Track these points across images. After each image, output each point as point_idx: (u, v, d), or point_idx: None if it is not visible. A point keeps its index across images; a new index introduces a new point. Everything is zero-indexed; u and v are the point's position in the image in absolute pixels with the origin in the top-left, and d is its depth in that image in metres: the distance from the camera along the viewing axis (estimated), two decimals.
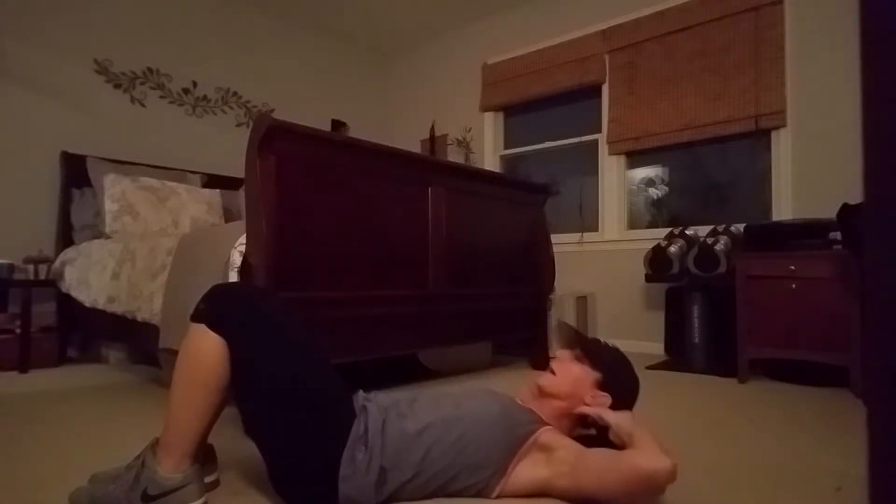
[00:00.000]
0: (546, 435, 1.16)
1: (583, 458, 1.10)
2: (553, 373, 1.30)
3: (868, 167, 0.42)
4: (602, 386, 1.26)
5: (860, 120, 0.43)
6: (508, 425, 1.15)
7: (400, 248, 2.17)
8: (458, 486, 1.13)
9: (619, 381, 1.29)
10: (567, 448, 1.13)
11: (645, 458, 1.02)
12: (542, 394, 1.28)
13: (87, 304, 2.69)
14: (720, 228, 3.02)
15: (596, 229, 3.87)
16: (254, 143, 1.70)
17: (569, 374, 1.28)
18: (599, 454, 1.10)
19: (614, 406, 1.24)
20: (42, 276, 3.00)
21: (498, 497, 1.14)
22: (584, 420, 1.27)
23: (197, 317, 1.13)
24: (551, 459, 1.13)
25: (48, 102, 3.25)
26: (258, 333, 1.11)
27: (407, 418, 1.15)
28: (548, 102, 4.19)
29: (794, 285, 2.45)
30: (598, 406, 1.24)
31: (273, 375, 1.08)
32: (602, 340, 1.38)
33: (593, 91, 3.90)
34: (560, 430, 1.23)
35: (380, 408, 1.18)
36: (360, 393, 1.24)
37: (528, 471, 1.13)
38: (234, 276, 1.74)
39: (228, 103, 4.12)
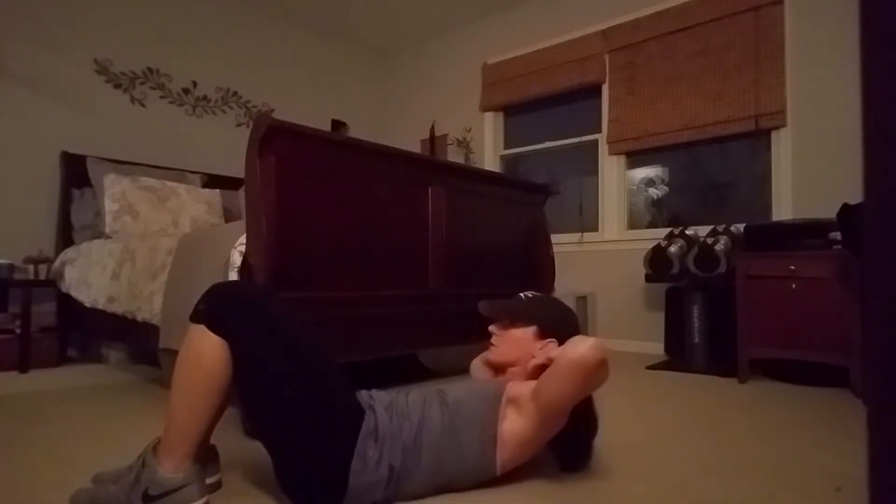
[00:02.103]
0: (512, 389, 1.22)
1: (537, 387, 1.17)
2: (496, 344, 1.38)
3: (868, 167, 0.42)
4: (543, 334, 1.34)
5: (860, 120, 0.43)
6: (483, 397, 1.20)
7: (400, 248, 2.17)
8: (465, 469, 1.15)
9: (554, 322, 1.36)
10: (526, 390, 1.20)
11: (569, 350, 1.12)
12: (498, 368, 1.36)
13: (87, 304, 2.69)
14: (720, 228, 3.02)
15: (596, 229, 3.87)
16: (254, 142, 1.70)
17: (509, 340, 1.36)
18: (545, 374, 1.17)
19: (562, 342, 1.28)
20: (42, 276, 3.00)
21: (502, 472, 1.18)
22: (544, 369, 1.29)
23: (196, 317, 1.12)
24: (521, 408, 1.18)
25: (48, 102, 3.25)
26: (260, 332, 1.11)
27: (407, 418, 1.16)
28: (548, 102, 4.19)
29: (794, 285, 2.45)
30: (548, 352, 1.30)
31: (278, 373, 1.08)
32: (521, 295, 1.44)
33: (593, 91, 3.90)
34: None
35: (385, 406, 1.19)
36: (363, 391, 1.25)
37: (511, 429, 1.17)
38: (234, 276, 1.74)
39: (228, 103, 4.12)
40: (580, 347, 1.10)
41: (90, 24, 3.43)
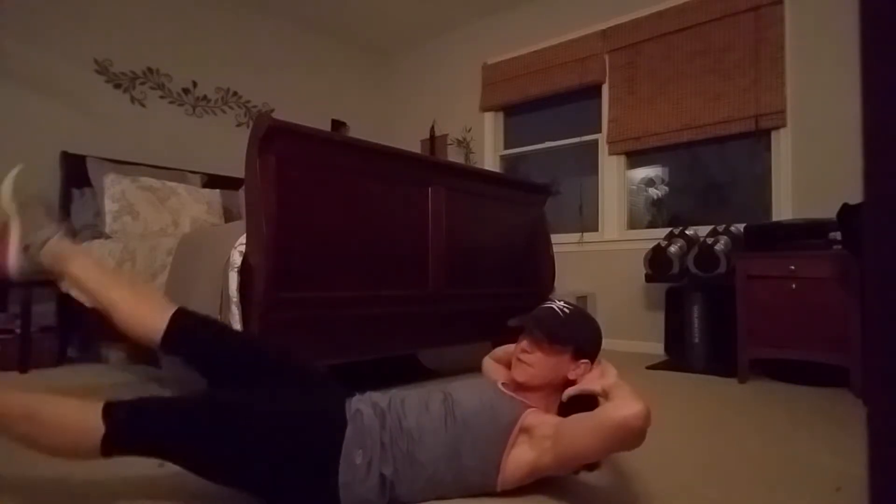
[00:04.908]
0: (528, 418, 1.16)
1: (560, 428, 1.10)
2: (529, 364, 1.25)
3: (868, 167, 0.42)
4: (578, 355, 1.25)
5: (860, 120, 0.43)
6: (495, 420, 1.15)
7: (400, 248, 2.18)
8: (463, 485, 1.13)
9: (590, 341, 1.29)
10: (544, 424, 1.13)
11: (615, 408, 1.02)
12: (526, 388, 1.25)
13: (88, 304, 2.68)
14: (720, 228, 3.02)
15: (596, 229, 3.87)
16: (254, 142, 1.70)
17: (545, 364, 1.25)
18: (575, 419, 1.10)
19: (592, 360, 1.25)
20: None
21: (502, 491, 1.14)
22: (567, 385, 1.24)
23: (113, 428, 1.04)
24: (533, 440, 1.13)
25: (48, 102, 3.25)
26: (186, 425, 1.07)
27: (401, 424, 1.14)
28: (548, 102, 4.19)
29: (794, 285, 2.44)
30: (582, 374, 1.24)
31: (236, 446, 1.07)
32: (556, 308, 1.31)
33: (593, 91, 3.90)
34: (549, 406, 1.24)
35: (376, 410, 1.17)
36: (356, 396, 1.23)
37: (517, 457, 1.13)
38: (234, 276, 1.74)
39: (228, 103, 4.11)
40: (626, 410, 0.99)
41: (90, 24, 3.43)
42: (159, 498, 1.16)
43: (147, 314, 1.25)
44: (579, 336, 1.27)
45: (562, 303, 1.34)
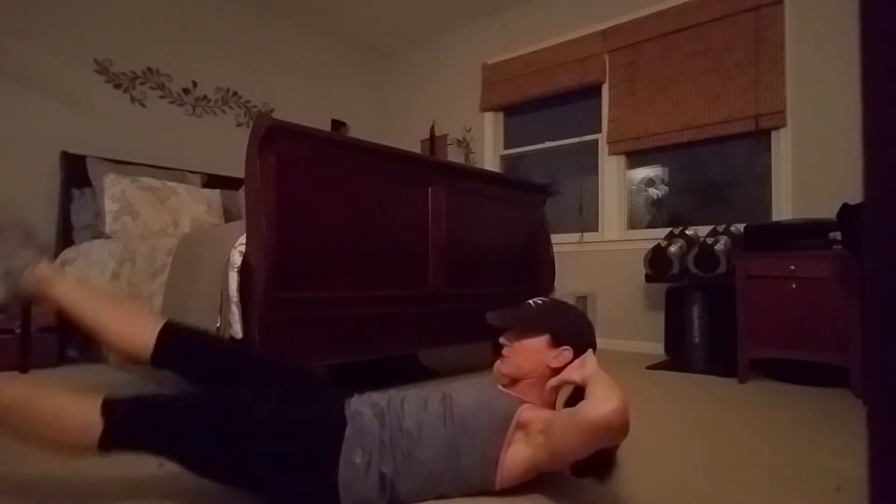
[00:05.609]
0: (524, 413, 1.16)
1: (550, 424, 1.10)
2: (509, 357, 1.29)
3: (868, 167, 0.42)
4: (556, 342, 1.26)
5: (860, 120, 0.43)
6: (492, 418, 1.15)
7: (400, 248, 2.17)
8: (463, 483, 1.14)
9: (568, 329, 1.28)
10: (538, 419, 1.13)
11: (591, 407, 0.99)
12: (511, 380, 1.28)
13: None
14: (720, 228, 3.02)
15: (596, 229, 3.87)
16: (254, 142, 1.70)
17: (522, 351, 1.27)
18: (561, 416, 1.09)
19: (578, 350, 1.24)
20: None
21: (501, 489, 1.15)
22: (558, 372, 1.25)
23: (111, 434, 1.04)
24: (529, 436, 1.13)
25: (48, 102, 3.25)
26: (184, 423, 1.08)
27: (400, 423, 1.14)
28: (548, 102, 4.19)
29: (794, 285, 2.45)
30: (563, 362, 1.23)
31: (238, 444, 1.07)
32: (531, 302, 1.35)
33: (593, 91, 3.90)
34: (546, 400, 1.25)
35: (375, 410, 1.17)
36: (354, 397, 1.24)
37: (514, 455, 1.14)
38: (234, 276, 1.74)
39: (228, 103, 4.11)
40: (603, 408, 0.97)
41: (90, 24, 3.43)
42: (160, 498, 1.16)
43: (134, 332, 1.27)
44: (553, 323, 1.28)
45: (539, 298, 1.37)
